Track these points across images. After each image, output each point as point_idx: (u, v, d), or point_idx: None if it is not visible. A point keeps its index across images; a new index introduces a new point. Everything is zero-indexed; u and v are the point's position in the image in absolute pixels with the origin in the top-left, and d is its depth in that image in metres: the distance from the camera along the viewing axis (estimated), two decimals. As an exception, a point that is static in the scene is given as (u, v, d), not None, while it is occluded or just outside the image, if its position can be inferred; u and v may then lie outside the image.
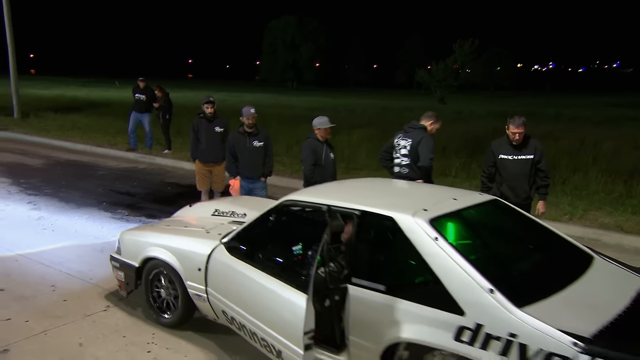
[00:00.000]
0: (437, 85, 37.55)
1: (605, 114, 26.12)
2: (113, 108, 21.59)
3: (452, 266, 2.73)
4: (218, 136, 6.91)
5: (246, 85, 63.18)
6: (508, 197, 5.02)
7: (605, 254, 3.65)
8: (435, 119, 5.32)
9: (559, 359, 2.38)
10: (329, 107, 28.35)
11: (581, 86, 70.69)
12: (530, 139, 5.05)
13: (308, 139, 5.62)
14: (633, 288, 2.99)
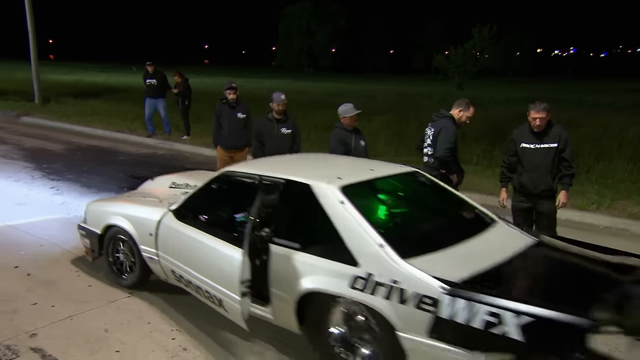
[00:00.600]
0: (455, 71, 37.03)
1: (628, 99, 25.61)
2: (131, 93, 21.68)
3: (352, 225, 3.17)
4: (240, 122, 6.88)
5: (263, 71, 63.04)
6: (527, 188, 4.86)
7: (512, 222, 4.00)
8: (464, 106, 5.11)
9: (428, 299, 2.78)
10: (345, 93, 28.17)
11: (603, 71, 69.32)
12: (554, 126, 4.77)
13: (335, 129, 5.49)
14: (519, 246, 3.39)
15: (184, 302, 4.28)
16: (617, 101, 24.62)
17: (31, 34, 17.20)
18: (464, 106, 5.12)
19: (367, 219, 3.18)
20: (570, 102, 24.32)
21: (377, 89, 32.11)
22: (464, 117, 5.11)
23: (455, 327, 2.67)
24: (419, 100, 25.10)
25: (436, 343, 2.76)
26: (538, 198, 4.86)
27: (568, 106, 22.19)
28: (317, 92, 28.05)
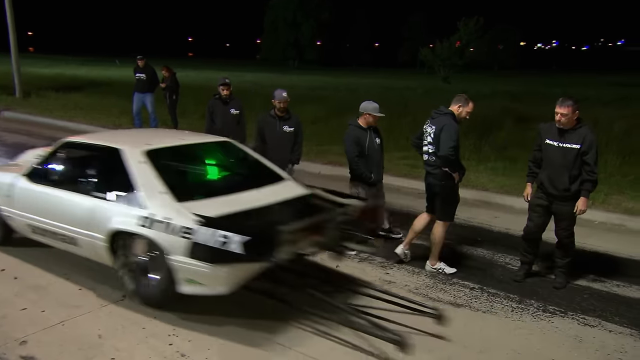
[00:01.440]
0: (441, 64, 36.78)
1: (612, 93, 25.75)
2: (115, 87, 21.27)
3: (145, 179, 4.14)
4: (233, 118, 6.80)
5: (247, 64, 62.42)
6: (546, 187, 4.78)
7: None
8: (464, 102, 4.97)
9: (188, 229, 3.74)
10: (330, 87, 28.04)
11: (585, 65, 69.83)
12: (582, 127, 4.63)
13: (350, 128, 5.47)
14: (282, 197, 4.45)
15: (179, 305, 4.15)
16: (602, 95, 24.74)
17: (11, 26, 16.76)
18: (463, 102, 4.97)
19: (160, 174, 4.13)
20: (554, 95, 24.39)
21: (362, 83, 31.99)
22: (463, 113, 4.98)
23: (203, 248, 3.66)
24: (405, 93, 25.06)
25: (192, 261, 3.73)
26: (555, 198, 4.78)
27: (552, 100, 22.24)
28: (302, 85, 27.82)
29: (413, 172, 8.77)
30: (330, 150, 10.78)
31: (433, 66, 37.73)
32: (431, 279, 5.05)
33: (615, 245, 6.03)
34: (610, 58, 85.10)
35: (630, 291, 4.91)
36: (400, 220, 6.38)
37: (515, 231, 6.35)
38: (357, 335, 3.86)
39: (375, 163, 5.53)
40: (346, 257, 5.06)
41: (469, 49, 39.33)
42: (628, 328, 4.22)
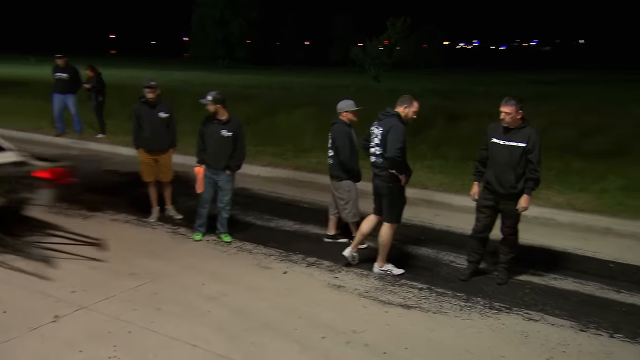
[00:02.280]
0: (371, 63, 37.60)
1: (531, 90, 27.14)
2: (32, 87, 19.94)
3: None
4: (162, 122, 6.36)
5: (174, 62, 60.67)
6: (493, 185, 4.88)
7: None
8: (408, 102, 4.98)
9: None
10: (263, 85, 27.73)
11: (504, 64, 73.35)
12: (527, 126, 4.79)
13: (337, 125, 5.66)
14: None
15: (118, 322, 3.88)
16: (522, 92, 26.02)
17: None
18: (407, 102, 4.97)
19: None
20: (479, 94, 25.47)
21: (296, 81, 31.87)
22: (410, 113, 4.98)
23: None
24: (338, 92, 25.16)
25: None
26: (502, 197, 4.89)
27: (477, 97, 23.25)
28: (235, 84, 27.35)
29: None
30: (265, 150, 10.62)
31: (364, 65, 38.51)
32: (380, 281, 5.04)
33: (548, 239, 6.30)
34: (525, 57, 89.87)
35: (566, 284, 5.13)
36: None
37: (456, 229, 6.53)
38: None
39: (356, 157, 5.74)
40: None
41: (397, 48, 40.47)
42: (568, 320, 4.39)
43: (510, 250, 5.09)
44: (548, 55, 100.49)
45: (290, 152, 10.46)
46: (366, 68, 38.01)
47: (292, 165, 9.45)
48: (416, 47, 56.56)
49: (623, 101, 19.99)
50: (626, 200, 7.33)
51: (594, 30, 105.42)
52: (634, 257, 5.79)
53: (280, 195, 7.95)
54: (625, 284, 5.11)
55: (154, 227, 6.42)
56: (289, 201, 7.67)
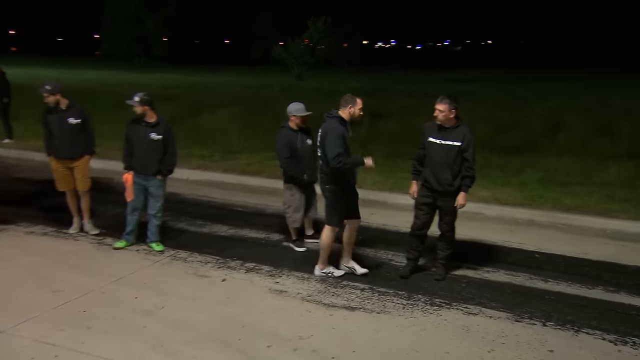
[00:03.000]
0: (294, 62, 37.69)
1: (447, 88, 28.22)
2: None
3: None
4: (74, 128, 5.84)
5: (85, 61, 57.52)
6: (431, 184, 4.96)
7: None
8: (352, 102, 4.85)
9: None
10: (184, 85, 26.96)
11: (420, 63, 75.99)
12: (462, 125, 4.91)
13: (281, 129, 5.59)
14: None
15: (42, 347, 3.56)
16: (439, 90, 26.84)
17: None
18: (351, 102, 4.87)
19: None
20: (400, 92, 26.23)
21: (217, 81, 31.24)
22: (357, 112, 4.88)
23: None
24: (262, 91, 24.98)
25: None
26: (439, 195, 4.98)
27: (399, 95, 23.92)
28: (153, 84, 26.35)
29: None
30: (192, 153, 10.30)
31: (287, 64, 38.52)
32: (322, 284, 5.00)
33: (478, 232, 6.54)
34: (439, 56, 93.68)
35: (499, 276, 5.34)
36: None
37: (391, 227, 6.63)
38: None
39: (307, 164, 5.61)
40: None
41: (318, 47, 40.82)
42: (504, 312, 4.56)
43: (448, 247, 5.22)
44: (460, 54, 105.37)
45: (219, 154, 10.21)
46: (289, 67, 38.05)
47: (221, 167, 9.23)
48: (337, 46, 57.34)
49: (529, 99, 21.34)
50: (545, 193, 7.79)
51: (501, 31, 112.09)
52: (555, 246, 6.14)
53: (211, 199, 7.72)
54: (551, 273, 5.39)
55: (76, 238, 6.01)
56: (221, 205, 7.46)
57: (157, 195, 5.60)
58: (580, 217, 6.95)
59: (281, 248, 5.91)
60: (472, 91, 26.32)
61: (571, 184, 8.39)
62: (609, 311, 4.59)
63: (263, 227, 6.55)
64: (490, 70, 53.11)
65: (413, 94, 25.30)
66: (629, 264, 5.66)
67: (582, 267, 5.56)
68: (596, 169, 9.47)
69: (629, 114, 15.38)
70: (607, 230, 6.68)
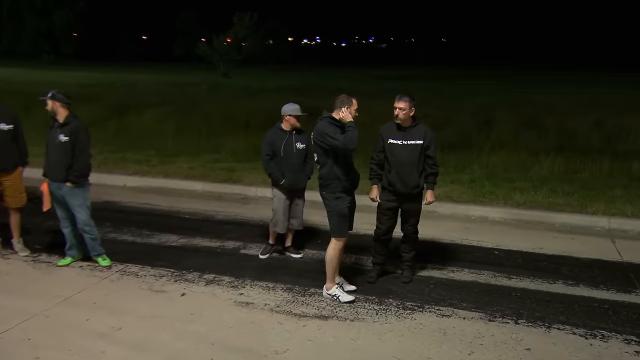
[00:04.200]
0: (220, 59, 37.02)
1: (376, 86, 28.82)
2: None
3: None
4: (5, 135, 5.29)
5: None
6: (395, 186, 4.94)
7: None
8: (348, 103, 4.61)
9: None
10: (102, 84, 25.77)
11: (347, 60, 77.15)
12: (420, 123, 4.93)
13: (272, 128, 5.59)
14: None
15: None
16: (369, 87, 27.57)
17: None
18: (347, 102, 4.64)
19: None
20: (332, 90, 26.41)
21: (138, 79, 30.10)
22: (352, 114, 4.62)
23: None
24: (189, 90, 24.33)
25: None
26: (405, 197, 4.97)
27: (330, 93, 24.05)
28: (68, 82, 24.94)
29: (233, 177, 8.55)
30: (126, 157, 9.82)
31: (212, 61, 37.76)
32: (289, 293, 4.87)
33: (435, 231, 6.65)
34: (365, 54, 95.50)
35: (464, 275, 5.44)
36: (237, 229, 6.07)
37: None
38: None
39: (292, 168, 5.50)
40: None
41: (244, 43, 40.33)
42: (476, 312, 4.64)
43: (413, 248, 5.26)
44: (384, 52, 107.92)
45: (155, 158, 9.80)
46: (215, 64, 37.32)
47: (161, 172, 8.87)
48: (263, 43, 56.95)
49: (459, 96, 22.20)
50: (495, 190, 8.08)
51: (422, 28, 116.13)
52: (511, 242, 6.36)
53: (155, 206, 7.39)
54: (512, 270, 5.57)
55: (6, 257, 5.52)
56: (167, 213, 7.16)
57: (75, 205, 5.11)
58: (530, 212, 7.27)
59: (239, 257, 5.73)
60: (402, 89, 26.86)
61: (515, 180, 8.78)
62: (573, 305, 4.79)
63: (216, 235, 6.34)
64: (417, 68, 54.83)
65: (344, 90, 25.57)
66: (581, 256, 5.96)
67: (540, 262, 5.79)
68: (530, 163, 10.02)
69: (552, 109, 16.49)
70: (556, 224, 7.03)
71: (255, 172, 8.76)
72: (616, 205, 7.43)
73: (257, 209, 7.48)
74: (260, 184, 8.18)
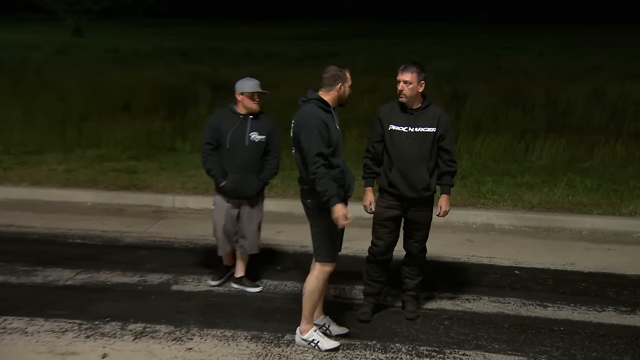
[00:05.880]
0: (67, 9, 35.80)
1: (299, 49, 28.97)
2: None
3: None
4: None
5: None
6: (399, 189, 4.94)
7: None
8: (342, 77, 4.55)
9: None
10: None
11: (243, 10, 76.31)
12: (432, 104, 4.97)
13: (221, 108, 5.71)
14: None
15: None
16: (290, 51, 27.64)
17: None
18: (340, 77, 4.57)
19: None
20: (239, 53, 26.30)
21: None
22: (347, 90, 4.62)
23: None
24: (28, 54, 23.33)
25: None
26: (412, 203, 5.01)
27: (239, 59, 23.92)
28: None
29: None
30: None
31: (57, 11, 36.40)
32: (257, 344, 4.80)
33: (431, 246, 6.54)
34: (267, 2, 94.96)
35: (484, 305, 5.60)
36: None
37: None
38: None
39: (239, 166, 5.47)
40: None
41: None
42: (515, 355, 4.76)
43: (420, 272, 5.33)
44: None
45: (9, 158, 9.40)
46: (60, 16, 36.08)
47: (23, 178, 8.63)
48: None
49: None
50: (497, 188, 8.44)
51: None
52: (532, 257, 6.67)
53: (26, 229, 7.17)
54: (544, 295, 5.81)
55: None
56: (47, 237, 6.98)
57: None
58: (549, 217, 7.69)
59: (172, 295, 5.61)
60: (334, 52, 27.33)
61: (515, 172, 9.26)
62: (637, 340, 5.06)
63: (130, 266, 6.20)
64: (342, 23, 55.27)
65: (256, 56, 25.44)
66: (626, 273, 6.34)
67: (577, 283, 6.10)
68: (523, 150, 10.79)
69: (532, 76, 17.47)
70: (584, 231, 7.44)
71: (167, 172, 8.57)
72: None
73: (179, 226, 7.39)
74: (179, 189, 8.06)
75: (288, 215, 7.61)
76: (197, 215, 7.55)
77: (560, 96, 14.59)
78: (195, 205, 7.87)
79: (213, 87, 15.62)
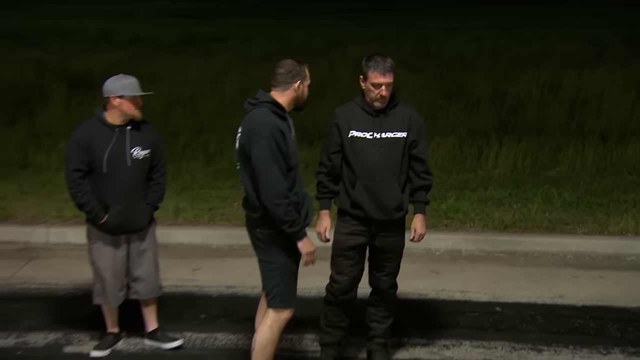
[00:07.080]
0: None
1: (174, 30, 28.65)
2: None
3: None
4: None
5: None
6: (365, 209, 4.97)
7: None
8: (301, 73, 4.60)
9: None
10: None
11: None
12: (400, 104, 5.05)
13: (85, 121, 5.49)
14: None
15: None
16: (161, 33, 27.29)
17: None
18: (299, 74, 4.60)
19: None
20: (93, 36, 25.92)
21: None
22: (305, 90, 4.67)
23: None
24: None
25: None
26: (381, 227, 5.05)
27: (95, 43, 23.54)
28: None
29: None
30: None
31: None
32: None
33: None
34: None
35: (466, 352, 5.75)
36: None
37: (244, 288, 6.62)
38: None
39: (123, 193, 5.34)
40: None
41: None
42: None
43: (390, 314, 5.41)
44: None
45: None
46: None
47: None
48: None
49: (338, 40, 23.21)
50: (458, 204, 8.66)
51: None
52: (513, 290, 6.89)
53: None
54: (536, 336, 6.01)
55: None
56: None
57: None
58: (526, 239, 7.97)
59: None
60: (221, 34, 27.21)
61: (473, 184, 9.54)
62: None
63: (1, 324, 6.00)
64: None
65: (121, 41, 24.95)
66: (627, 305, 6.62)
67: (571, 320, 6.33)
68: (474, 155, 11.25)
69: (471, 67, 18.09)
70: (568, 255, 7.74)
71: (33, 197, 8.39)
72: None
73: (59, 266, 7.35)
74: (53, 218, 7.94)
75: (204, 248, 7.60)
76: (81, 253, 7.24)
77: (509, 89, 15.08)
78: (77, 240, 7.52)
79: (69, 81, 15.33)
